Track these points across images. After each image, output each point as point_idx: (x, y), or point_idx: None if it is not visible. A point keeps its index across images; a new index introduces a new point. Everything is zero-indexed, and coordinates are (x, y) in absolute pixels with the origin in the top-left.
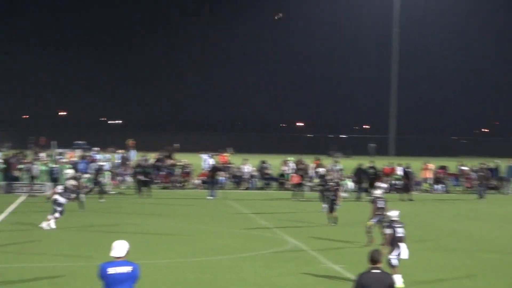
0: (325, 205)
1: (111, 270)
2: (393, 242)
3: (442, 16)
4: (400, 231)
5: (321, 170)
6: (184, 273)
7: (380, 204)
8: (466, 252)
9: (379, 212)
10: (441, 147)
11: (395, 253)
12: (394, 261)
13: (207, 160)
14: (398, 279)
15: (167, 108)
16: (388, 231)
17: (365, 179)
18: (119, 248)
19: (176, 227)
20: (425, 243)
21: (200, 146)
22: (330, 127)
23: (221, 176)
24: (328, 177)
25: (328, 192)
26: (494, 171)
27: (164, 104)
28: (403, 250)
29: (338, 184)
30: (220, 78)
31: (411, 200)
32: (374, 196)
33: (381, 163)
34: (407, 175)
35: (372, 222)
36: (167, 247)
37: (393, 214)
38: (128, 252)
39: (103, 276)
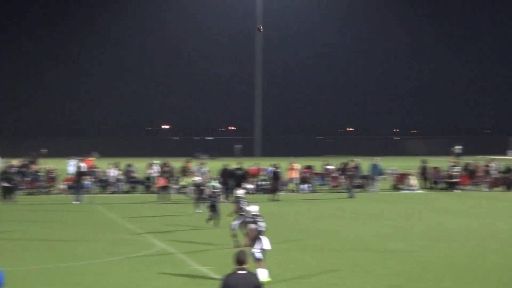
0: (199, 211)
1: None
2: (255, 236)
3: (307, 15)
4: (261, 225)
5: (197, 179)
6: (52, 279)
7: (243, 204)
8: (333, 251)
9: (241, 213)
10: (307, 147)
11: (258, 246)
12: (258, 255)
13: (72, 165)
14: (263, 273)
15: (31, 113)
16: (252, 226)
17: (232, 180)
18: None
19: (42, 232)
20: (292, 243)
21: (66, 151)
22: (196, 129)
23: (87, 181)
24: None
25: (210, 198)
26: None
27: (27, 109)
28: (265, 242)
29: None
30: (84, 81)
31: (278, 200)
32: (236, 197)
33: (247, 164)
34: (276, 175)
35: (235, 223)
36: (33, 253)
37: (254, 209)
38: None
39: None
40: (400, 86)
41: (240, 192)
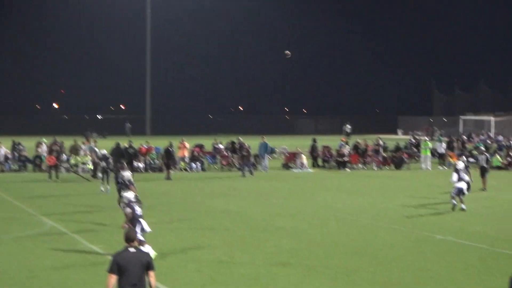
0: (103, 189)
1: None
2: (134, 220)
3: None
4: (138, 210)
5: (103, 151)
6: None
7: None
8: (224, 229)
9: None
10: (197, 126)
11: (137, 229)
12: (139, 237)
13: None
14: (149, 249)
15: None
16: (127, 210)
17: (124, 159)
18: None
19: None
20: (183, 222)
21: None
22: (87, 108)
23: None
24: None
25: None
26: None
27: None
28: (144, 225)
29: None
30: None
31: (169, 179)
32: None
33: (138, 142)
34: (168, 153)
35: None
36: None
37: (130, 195)
38: None
39: None
40: (290, 66)
41: (126, 174)
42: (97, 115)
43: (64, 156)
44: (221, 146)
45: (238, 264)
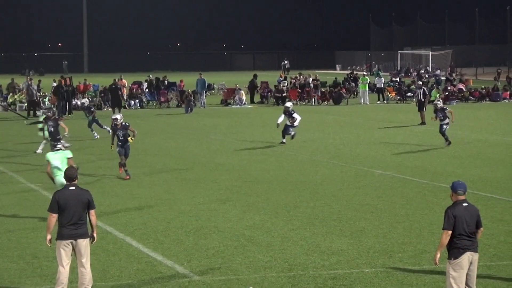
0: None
1: None
2: None
3: None
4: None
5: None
6: None
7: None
8: (164, 167)
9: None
10: (135, 63)
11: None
12: None
13: None
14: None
15: None
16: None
17: (63, 97)
18: None
19: None
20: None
21: None
22: (24, 45)
23: None
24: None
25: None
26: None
27: None
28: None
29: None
30: None
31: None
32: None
33: (76, 80)
34: (113, 91)
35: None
36: None
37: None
38: None
39: None
40: (228, 0)
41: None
42: (34, 53)
43: (3, 95)
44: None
45: (178, 201)
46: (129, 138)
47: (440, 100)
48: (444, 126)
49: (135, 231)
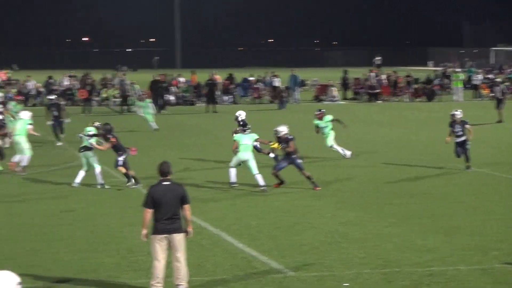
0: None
1: None
2: (120, 147)
3: None
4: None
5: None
6: None
7: None
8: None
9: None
10: (227, 59)
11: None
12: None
13: None
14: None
15: None
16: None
17: (158, 93)
18: None
19: None
20: (217, 157)
21: None
22: (116, 41)
23: (8, 93)
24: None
25: None
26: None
27: None
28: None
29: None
30: None
31: (215, 112)
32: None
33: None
34: (211, 86)
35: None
36: None
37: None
38: None
39: None
40: None
41: None
42: (127, 49)
43: (96, 90)
44: (252, 79)
45: (271, 197)
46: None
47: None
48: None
49: (230, 227)
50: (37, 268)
